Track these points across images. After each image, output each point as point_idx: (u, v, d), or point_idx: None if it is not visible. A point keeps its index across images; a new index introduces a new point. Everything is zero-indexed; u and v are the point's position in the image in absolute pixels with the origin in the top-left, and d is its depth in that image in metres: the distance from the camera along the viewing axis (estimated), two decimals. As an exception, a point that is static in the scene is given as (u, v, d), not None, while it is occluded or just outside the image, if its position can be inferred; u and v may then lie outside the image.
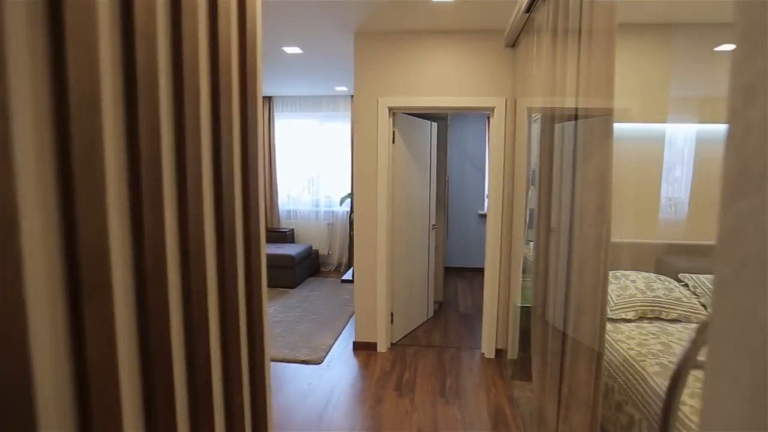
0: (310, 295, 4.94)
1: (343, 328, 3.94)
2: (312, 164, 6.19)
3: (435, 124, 4.13)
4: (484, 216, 6.05)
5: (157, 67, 0.80)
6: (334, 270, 6.22)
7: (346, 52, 3.82)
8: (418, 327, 3.99)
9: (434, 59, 3.25)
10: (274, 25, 3.23)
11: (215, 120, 1.02)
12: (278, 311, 4.38)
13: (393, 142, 3.37)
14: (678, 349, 1.97)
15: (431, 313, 4.25)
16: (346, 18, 3.05)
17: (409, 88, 3.26)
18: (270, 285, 5.25)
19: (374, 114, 3.29)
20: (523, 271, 2.97)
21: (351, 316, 4.13)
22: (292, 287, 5.21)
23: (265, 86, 5.57)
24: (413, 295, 3.86)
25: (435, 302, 4.38)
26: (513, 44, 3.15)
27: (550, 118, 2.13)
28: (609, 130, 1.49)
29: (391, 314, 3.54)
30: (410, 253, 3.76)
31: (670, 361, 1.84)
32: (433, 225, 4.16)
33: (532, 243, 2.59)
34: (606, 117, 1.53)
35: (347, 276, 3.57)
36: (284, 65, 4.48)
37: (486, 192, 6.09)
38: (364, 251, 3.44)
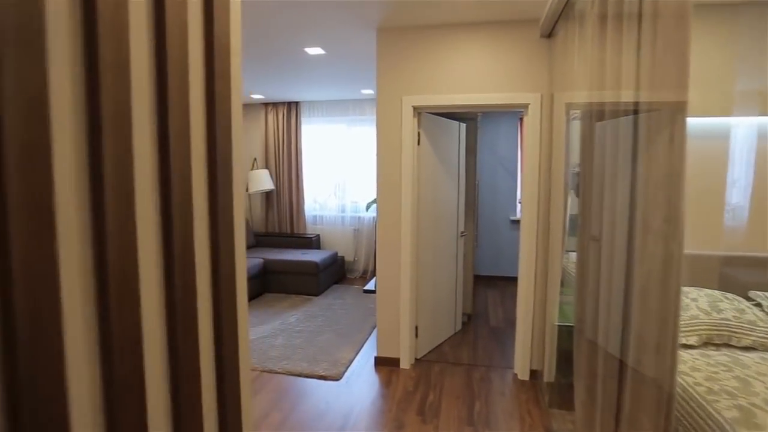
0: (334, 303, 4.72)
1: (366, 340, 3.68)
2: (338, 169, 6.00)
3: (464, 125, 3.83)
4: (516, 222, 5.67)
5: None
6: (360, 277, 5.99)
7: (369, 51, 3.60)
8: (444, 341, 3.68)
9: (462, 54, 2.95)
10: (294, 25, 3.05)
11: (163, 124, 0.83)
12: (300, 320, 4.18)
13: (418, 143, 3.10)
14: (760, 387, 1.59)
15: (459, 327, 3.93)
16: (368, 13, 2.81)
17: (434, 86, 2.98)
18: (293, 292, 5.07)
19: (398, 114, 3.02)
20: (562, 284, 2.63)
21: (374, 328, 3.86)
22: (316, 295, 5.01)
23: (291, 92, 5.43)
24: (440, 307, 3.56)
25: (463, 314, 4.06)
26: (549, 34, 2.83)
27: (597, 114, 1.81)
28: (681, 126, 1.18)
29: (416, 328, 3.25)
30: (437, 262, 3.47)
31: (752, 404, 1.48)
32: (462, 232, 3.85)
33: (573, 253, 2.26)
34: (676, 111, 1.22)
35: (370, 286, 3.34)
36: (308, 69, 4.31)
37: (518, 197, 5.72)
38: (387, 260, 3.18)
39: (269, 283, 5.16)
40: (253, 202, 6.43)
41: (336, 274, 5.61)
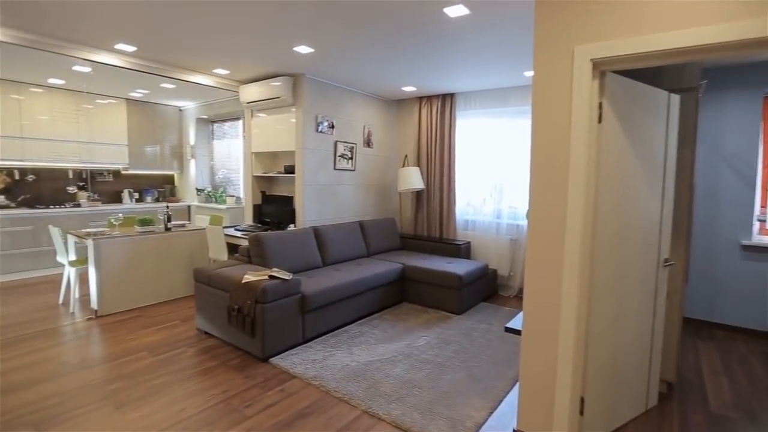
0: (476, 328, 3.75)
1: (506, 395, 2.63)
2: (496, 168, 4.94)
3: (676, 98, 2.41)
4: (752, 248, 3.70)
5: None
6: (515, 296, 4.81)
7: (526, 6, 2.55)
8: (627, 424, 2.37)
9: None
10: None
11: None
12: (430, 344, 3.36)
13: (599, 120, 1.94)
14: None
15: (653, 402, 2.51)
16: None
17: (629, 23, 1.73)
18: (432, 305, 4.27)
19: (566, 75, 1.88)
20: None
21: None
22: (457, 313, 4.11)
23: (445, 82, 4.63)
24: (622, 369, 2.28)
25: (661, 382, 2.62)
26: None
27: None
28: None
29: (581, 399, 2.10)
30: (621, 301, 2.21)
31: None
32: (666, 260, 2.45)
33: None
34: None
35: (515, 323, 2.31)
36: (456, 45, 3.46)
37: (756, 212, 3.75)
38: (539, 289, 2.07)
39: (408, 292, 4.50)
40: (403, 201, 5.89)
41: (485, 290, 4.60)
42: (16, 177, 5.82)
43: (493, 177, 4.97)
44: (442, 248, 4.96)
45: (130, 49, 3.84)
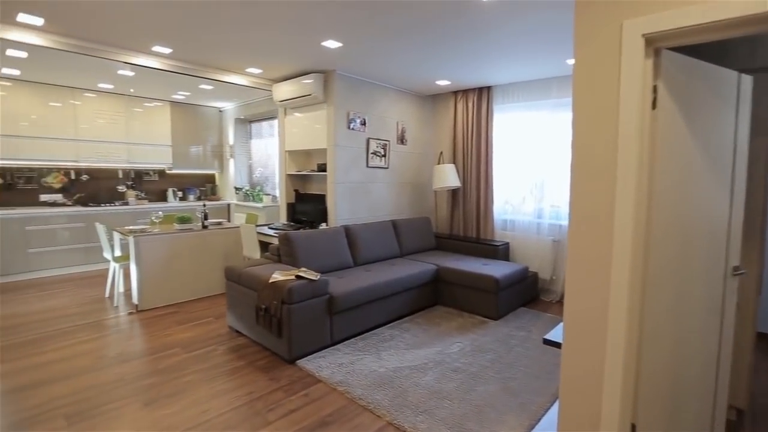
0: (514, 334, 3.50)
1: (545, 412, 2.39)
2: (537, 165, 4.62)
3: (747, 79, 2.07)
4: None
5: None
6: (557, 302, 4.49)
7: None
8: (688, 451, 2.07)
9: None
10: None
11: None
12: (464, 351, 3.15)
13: (653, 107, 1.67)
14: None
15: (720, 431, 2.19)
16: None
17: None
18: (467, 309, 4.05)
19: (613, 55, 1.61)
20: None
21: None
22: (494, 318, 3.86)
23: (482, 74, 4.39)
24: (681, 392, 1.98)
25: (729, 409, 2.28)
26: None
27: None
28: None
29: (632, 427, 1.84)
30: (680, 314, 1.92)
31: None
32: (735, 267, 2.11)
33: None
34: None
35: (554, 335, 2.05)
36: (495, 39, 3.22)
37: None
38: (582, 297, 1.79)
39: (442, 295, 4.30)
40: (439, 200, 5.68)
41: (525, 294, 4.31)
42: (72, 177, 6.17)
43: (533, 174, 4.65)
44: (478, 249, 4.71)
45: (167, 50, 3.91)
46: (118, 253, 4.49)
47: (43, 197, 5.90)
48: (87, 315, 4.02)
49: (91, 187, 6.34)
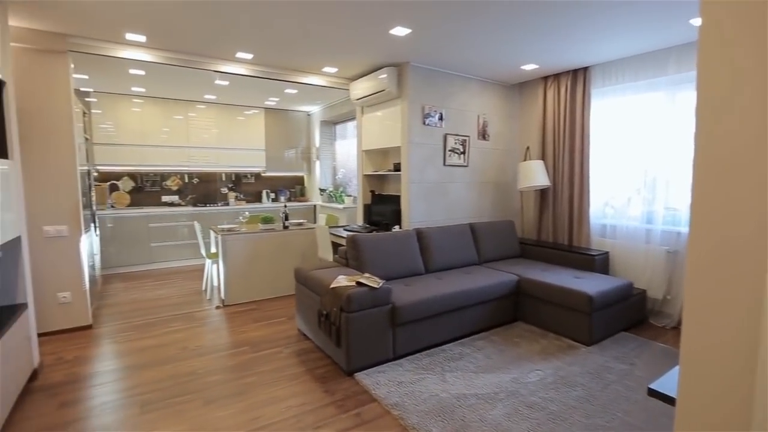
0: (612, 367, 2.85)
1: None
2: (647, 160, 3.78)
3: None
4: None
5: None
6: (673, 328, 3.62)
7: None
8: None
9: None
10: None
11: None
12: (545, 383, 2.63)
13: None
14: None
15: None
16: None
17: None
18: (553, 330, 3.46)
19: (758, 5, 1.07)
20: None
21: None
22: (586, 343, 3.22)
23: (575, 52, 3.73)
24: None
25: None
26: None
27: None
28: None
29: None
30: None
31: None
32: None
33: None
34: None
35: (664, 383, 1.51)
36: (593, 2, 2.64)
37: None
38: (712, 329, 1.27)
39: (523, 310, 3.75)
40: (525, 201, 5.05)
41: (628, 315, 3.54)
42: (186, 180, 6.87)
43: (642, 170, 3.82)
44: (570, 259, 4.04)
45: (248, 56, 4.02)
46: (212, 250, 4.81)
47: (164, 198, 6.67)
48: (184, 306, 4.35)
49: (201, 189, 7.00)
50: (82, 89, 5.64)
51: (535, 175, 4.37)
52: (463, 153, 4.63)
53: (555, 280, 3.50)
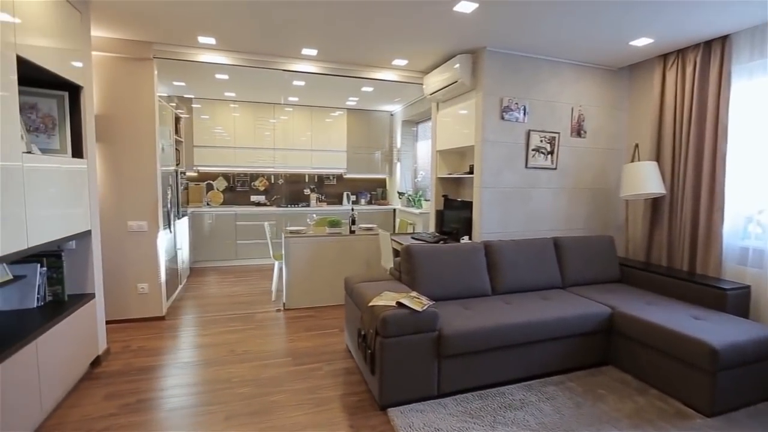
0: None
1: None
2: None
3: None
4: None
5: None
6: None
7: None
8: None
9: None
10: None
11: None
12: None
13: None
14: None
15: None
16: None
17: None
18: (657, 385, 2.61)
19: None
20: None
21: None
22: (706, 413, 2.30)
23: (710, 14, 2.82)
24: None
25: None
26: None
27: None
28: None
29: None
30: None
31: None
32: None
33: None
34: None
35: None
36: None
37: None
38: None
39: (617, 353, 2.93)
40: (632, 213, 4.08)
41: (781, 376, 2.53)
42: (272, 181, 7.17)
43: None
44: (691, 291, 3.07)
45: (312, 52, 3.89)
46: (279, 251, 4.84)
47: (253, 198, 7.04)
48: (249, 305, 4.42)
49: (285, 191, 7.24)
50: (185, 96, 6.21)
51: (646, 179, 3.46)
52: (551, 153, 3.90)
53: (664, 319, 2.65)
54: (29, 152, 2.25)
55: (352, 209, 5.01)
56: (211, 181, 6.82)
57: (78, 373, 2.72)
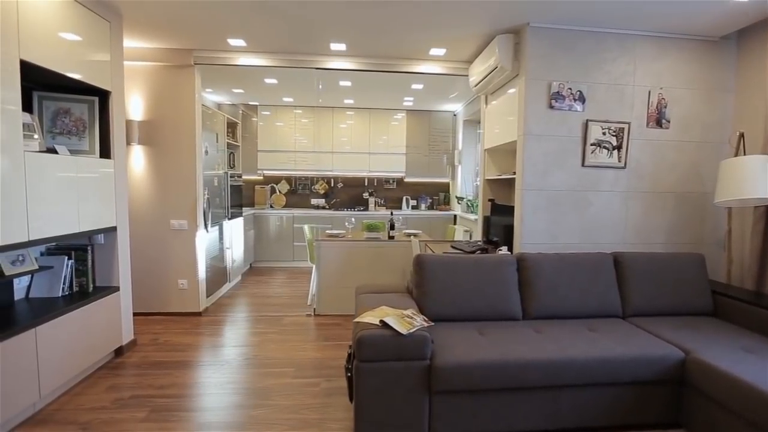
0: None
1: None
2: None
3: None
4: None
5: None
6: None
7: None
8: None
9: None
10: None
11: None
12: None
13: None
14: None
15: None
16: None
17: None
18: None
19: None
20: None
21: None
22: None
23: None
24: None
25: None
26: None
27: None
28: None
29: None
30: None
31: None
32: None
33: None
34: None
35: None
36: None
37: None
38: None
39: (691, 413, 2.12)
40: (736, 224, 3.06)
41: None
42: (331, 184, 7.18)
43: None
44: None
45: (341, 47, 3.69)
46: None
47: (313, 201, 7.12)
48: (283, 308, 4.36)
49: (344, 194, 7.18)
50: (250, 103, 6.51)
51: (750, 180, 2.54)
52: (618, 148, 3.12)
53: (758, 368, 1.84)
54: (44, 151, 2.40)
55: (392, 213, 4.68)
56: (275, 184, 7.05)
57: (95, 362, 2.84)
